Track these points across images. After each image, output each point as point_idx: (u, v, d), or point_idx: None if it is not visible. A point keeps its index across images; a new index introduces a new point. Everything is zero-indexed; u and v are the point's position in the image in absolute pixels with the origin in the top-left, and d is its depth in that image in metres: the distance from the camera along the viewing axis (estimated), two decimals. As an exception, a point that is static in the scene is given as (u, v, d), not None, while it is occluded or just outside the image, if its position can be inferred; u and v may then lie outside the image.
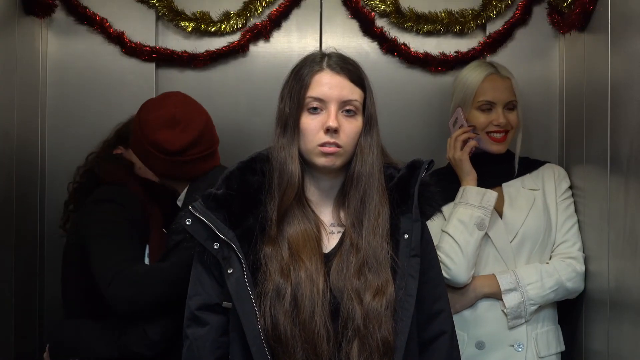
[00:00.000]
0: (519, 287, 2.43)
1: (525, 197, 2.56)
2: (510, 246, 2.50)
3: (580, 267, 2.48)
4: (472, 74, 2.60)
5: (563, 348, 2.55)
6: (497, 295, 2.45)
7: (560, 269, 2.46)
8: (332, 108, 1.86)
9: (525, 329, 2.45)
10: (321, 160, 1.88)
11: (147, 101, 2.49)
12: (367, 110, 1.92)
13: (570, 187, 2.61)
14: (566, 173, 2.64)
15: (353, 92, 1.89)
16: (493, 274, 2.46)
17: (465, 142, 2.56)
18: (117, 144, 2.61)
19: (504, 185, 2.59)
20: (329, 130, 1.85)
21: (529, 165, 2.64)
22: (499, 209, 2.53)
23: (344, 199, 1.94)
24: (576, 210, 2.57)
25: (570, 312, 2.58)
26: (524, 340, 2.45)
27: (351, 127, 1.88)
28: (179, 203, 2.47)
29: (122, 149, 2.60)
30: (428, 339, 1.97)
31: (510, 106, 2.57)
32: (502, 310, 2.45)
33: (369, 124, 1.92)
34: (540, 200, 2.55)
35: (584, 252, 2.51)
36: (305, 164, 1.92)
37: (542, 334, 2.48)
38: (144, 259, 2.42)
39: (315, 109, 1.87)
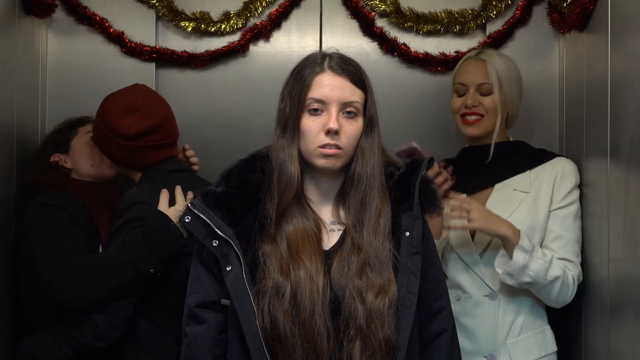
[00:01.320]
0: (530, 254, 2.36)
1: (508, 202, 2.50)
2: (481, 260, 2.48)
3: (574, 288, 2.43)
4: (460, 61, 2.64)
5: (552, 350, 2.50)
6: (510, 243, 2.35)
7: (568, 273, 2.42)
8: (333, 109, 1.86)
9: (497, 339, 2.43)
10: (321, 162, 1.88)
11: (113, 92, 2.54)
12: (368, 112, 1.92)
13: (579, 186, 2.52)
14: (575, 169, 2.54)
15: (354, 94, 1.89)
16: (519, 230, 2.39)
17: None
18: (51, 152, 2.65)
19: (497, 186, 2.56)
20: (329, 132, 1.85)
21: (535, 159, 2.57)
22: None
23: (344, 199, 1.94)
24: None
25: (570, 312, 2.58)
26: (495, 351, 2.43)
27: (352, 128, 1.88)
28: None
29: (59, 156, 2.64)
30: (429, 337, 1.98)
31: (485, 90, 2.53)
32: (496, 269, 2.41)
33: (370, 125, 1.92)
34: (527, 204, 2.48)
35: (583, 255, 2.49)
36: (305, 164, 1.92)
37: (519, 342, 2.44)
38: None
39: (316, 110, 1.87)
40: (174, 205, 2.30)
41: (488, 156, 2.54)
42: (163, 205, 2.31)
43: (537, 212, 2.47)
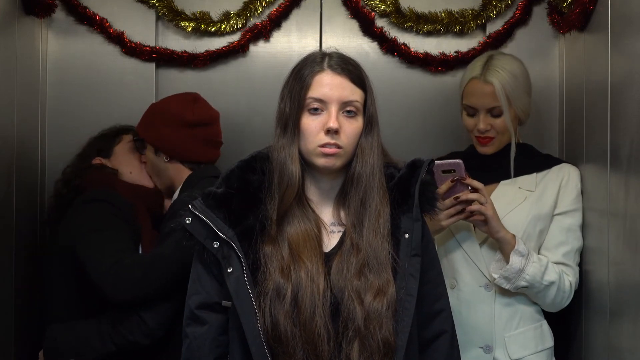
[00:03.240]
0: (526, 258, 2.36)
1: (513, 197, 2.50)
2: (480, 250, 2.47)
3: (570, 293, 2.44)
4: (465, 73, 2.59)
5: (549, 345, 2.49)
6: (508, 246, 2.36)
7: (565, 279, 2.43)
8: (333, 109, 1.86)
9: (493, 331, 2.43)
10: (321, 161, 1.87)
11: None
12: (367, 111, 1.91)
13: (582, 191, 2.51)
14: (578, 175, 2.54)
15: (354, 93, 1.89)
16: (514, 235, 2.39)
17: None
18: (93, 155, 2.66)
19: (502, 182, 2.56)
20: (329, 131, 1.85)
21: (542, 163, 2.57)
22: None
23: (344, 199, 1.94)
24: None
25: (570, 311, 2.58)
26: (491, 343, 2.43)
27: (352, 128, 1.88)
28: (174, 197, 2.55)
29: (100, 160, 2.65)
30: (428, 339, 1.98)
31: (496, 113, 2.49)
32: (491, 276, 2.41)
33: (370, 124, 1.92)
34: (531, 202, 2.48)
35: (584, 256, 2.50)
36: (306, 164, 1.91)
37: (517, 335, 2.44)
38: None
39: (315, 109, 1.87)
40: None
41: (497, 162, 2.55)
42: None
43: (541, 209, 2.48)
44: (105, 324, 2.34)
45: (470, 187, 2.37)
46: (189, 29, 3.01)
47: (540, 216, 2.47)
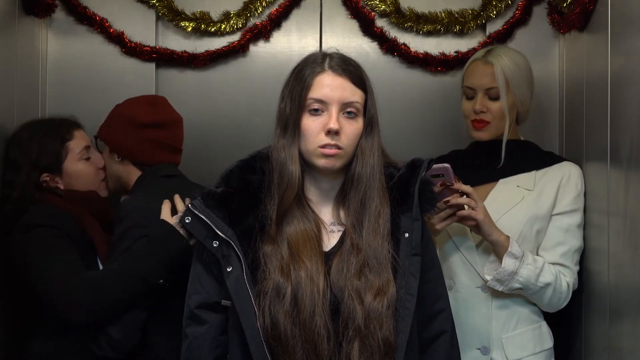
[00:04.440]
0: (520, 260, 2.35)
1: (511, 196, 2.49)
2: (477, 250, 2.46)
3: (568, 293, 2.42)
4: (468, 62, 2.61)
5: (548, 346, 2.48)
6: (502, 248, 2.35)
7: (563, 279, 2.42)
8: (333, 110, 1.86)
9: (490, 333, 2.42)
10: (321, 162, 1.87)
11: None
12: (368, 112, 1.91)
13: (585, 194, 2.50)
14: (580, 175, 2.52)
15: (354, 94, 1.89)
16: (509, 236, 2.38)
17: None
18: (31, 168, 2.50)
19: (501, 181, 2.54)
20: (329, 132, 1.85)
21: (542, 161, 2.56)
22: None
23: (344, 199, 1.94)
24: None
25: (570, 311, 2.58)
26: (489, 344, 2.42)
27: (352, 128, 1.88)
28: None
29: (48, 177, 2.50)
30: (428, 339, 1.98)
31: (493, 94, 2.49)
32: (485, 277, 2.40)
33: (370, 125, 1.92)
34: (529, 202, 2.47)
35: (584, 255, 2.49)
36: (305, 164, 1.91)
37: (514, 337, 2.43)
38: (97, 267, 2.42)
39: (316, 110, 1.87)
40: (176, 214, 2.29)
41: (496, 151, 2.52)
42: (166, 214, 2.31)
43: (539, 209, 2.46)
44: (76, 342, 2.33)
45: (460, 191, 2.36)
46: (189, 29, 3.01)
47: (538, 216, 2.46)
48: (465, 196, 2.35)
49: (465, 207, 2.34)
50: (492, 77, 2.49)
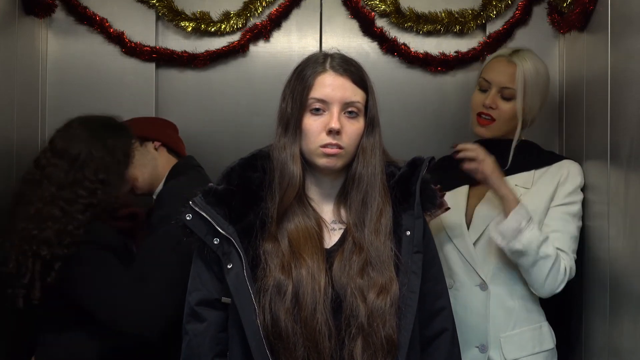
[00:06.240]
0: (527, 221, 2.34)
1: None
2: (474, 248, 2.46)
3: (564, 277, 2.39)
4: (492, 55, 2.63)
5: (549, 347, 2.47)
6: (510, 203, 2.35)
7: (561, 261, 2.40)
8: (335, 109, 1.87)
9: (488, 331, 2.42)
10: (322, 161, 1.88)
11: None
12: (369, 112, 1.92)
13: (583, 189, 2.50)
14: (580, 171, 2.52)
15: (355, 94, 1.89)
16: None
17: None
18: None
19: None
20: (331, 132, 1.86)
21: (542, 160, 2.56)
22: (472, 207, 2.50)
23: (345, 199, 1.95)
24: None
25: (570, 311, 2.58)
26: (486, 342, 2.42)
27: (353, 128, 1.89)
28: (154, 196, 2.59)
29: None
30: (430, 336, 1.98)
31: (507, 95, 2.50)
32: (490, 232, 2.40)
33: (371, 125, 1.92)
34: (525, 200, 2.44)
35: (584, 254, 2.48)
36: (307, 163, 1.92)
37: (513, 336, 2.42)
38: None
39: (317, 110, 1.88)
40: None
41: (498, 151, 2.51)
42: None
43: (537, 205, 2.45)
44: (95, 335, 2.31)
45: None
46: (189, 29, 3.01)
47: (535, 212, 2.43)
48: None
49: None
50: (512, 78, 2.50)
